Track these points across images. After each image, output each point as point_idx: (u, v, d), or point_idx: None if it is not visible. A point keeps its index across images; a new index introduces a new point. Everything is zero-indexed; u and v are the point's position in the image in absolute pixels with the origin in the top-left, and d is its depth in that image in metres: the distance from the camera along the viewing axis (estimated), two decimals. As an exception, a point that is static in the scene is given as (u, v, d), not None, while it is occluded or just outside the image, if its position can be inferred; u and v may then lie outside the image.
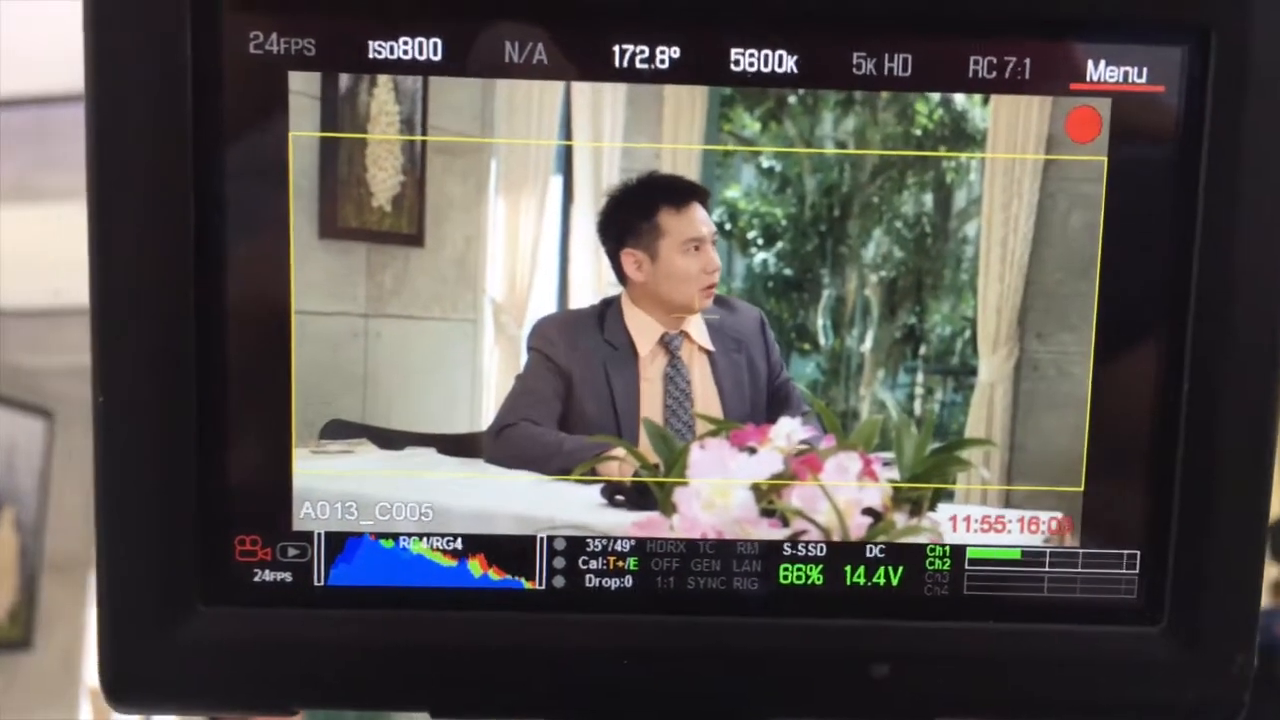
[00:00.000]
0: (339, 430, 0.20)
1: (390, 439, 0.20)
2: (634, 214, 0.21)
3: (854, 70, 0.20)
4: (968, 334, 0.21)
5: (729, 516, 0.20)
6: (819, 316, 0.20)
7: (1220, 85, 0.20)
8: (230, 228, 0.20)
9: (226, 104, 0.19)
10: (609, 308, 0.21)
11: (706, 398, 0.21)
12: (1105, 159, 0.21)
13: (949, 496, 0.21)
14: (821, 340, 0.21)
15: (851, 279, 0.20)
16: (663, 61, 0.20)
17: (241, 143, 0.19)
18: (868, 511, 0.21)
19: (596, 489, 0.21)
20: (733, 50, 0.20)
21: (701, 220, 0.21)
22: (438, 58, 0.20)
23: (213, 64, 0.19)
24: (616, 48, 0.20)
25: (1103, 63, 0.20)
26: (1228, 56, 0.20)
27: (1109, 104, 0.21)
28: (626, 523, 0.21)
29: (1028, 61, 0.20)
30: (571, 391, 0.21)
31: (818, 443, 0.21)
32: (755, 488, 0.20)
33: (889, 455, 0.21)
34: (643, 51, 0.20)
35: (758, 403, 0.21)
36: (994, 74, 0.20)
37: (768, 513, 0.21)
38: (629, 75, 0.20)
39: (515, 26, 0.20)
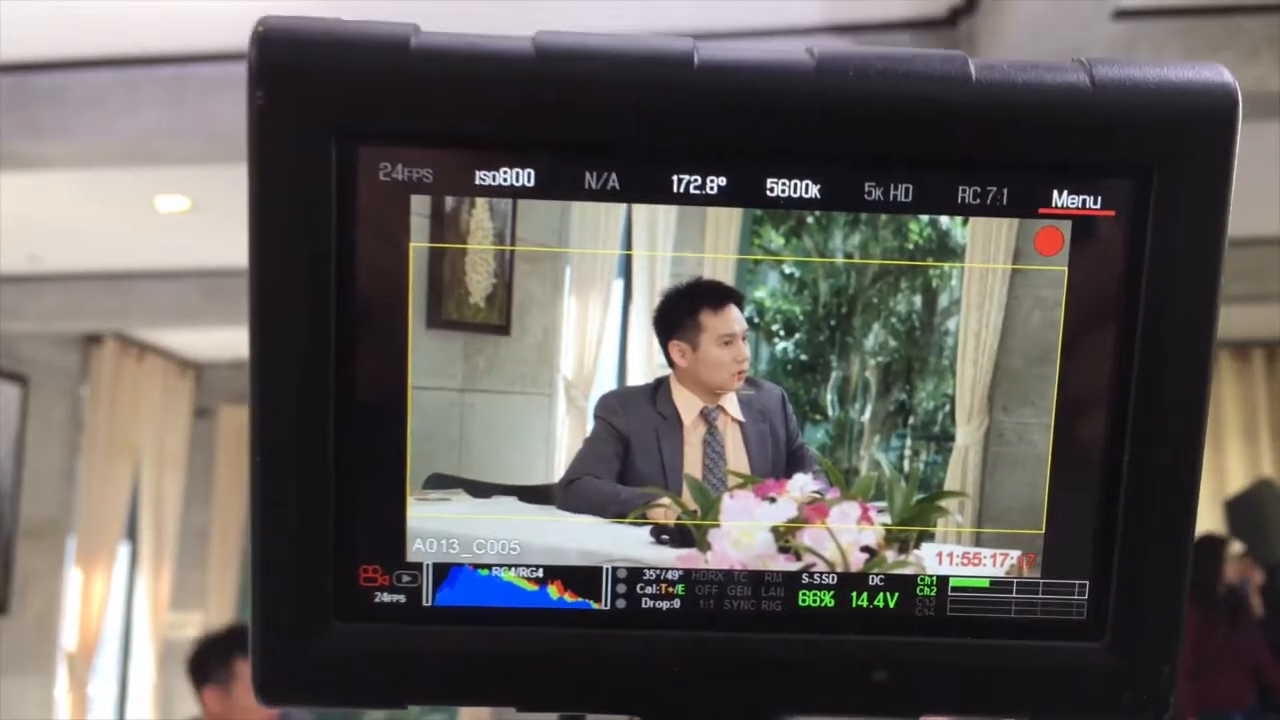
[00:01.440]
0: (438, 481, 0.24)
1: (480, 489, 0.25)
2: (681, 312, 0.25)
3: (865, 196, 0.24)
4: (947, 408, 0.25)
5: (753, 553, 0.25)
6: (828, 393, 0.25)
7: (1159, 210, 0.25)
8: (361, 321, 0.24)
9: (360, 220, 0.24)
10: (660, 385, 0.25)
11: (737, 458, 0.25)
12: (1066, 269, 0.25)
13: (930, 538, 0.26)
14: (830, 412, 0.25)
15: (855, 363, 0.25)
16: (712, 189, 0.24)
17: (372, 252, 0.23)
18: (865, 549, 0.25)
19: (646, 530, 0.25)
20: (769, 180, 0.24)
21: (735, 319, 0.25)
22: (530, 185, 0.24)
23: (351, 187, 0.23)
24: (675, 177, 0.24)
25: (1065, 192, 0.25)
26: (1166, 188, 0.25)
27: (1070, 225, 0.25)
28: (670, 557, 0.25)
29: (1005, 191, 0.25)
30: (628, 452, 0.25)
31: (825, 494, 0.25)
32: (774, 529, 0.25)
33: (882, 504, 0.25)
34: (696, 180, 0.24)
35: (778, 462, 0.25)
36: (978, 200, 0.24)
37: (784, 549, 0.25)
38: (683, 199, 0.24)
39: (597, 160, 0.24)
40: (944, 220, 0.24)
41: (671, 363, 0.25)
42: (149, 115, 3.40)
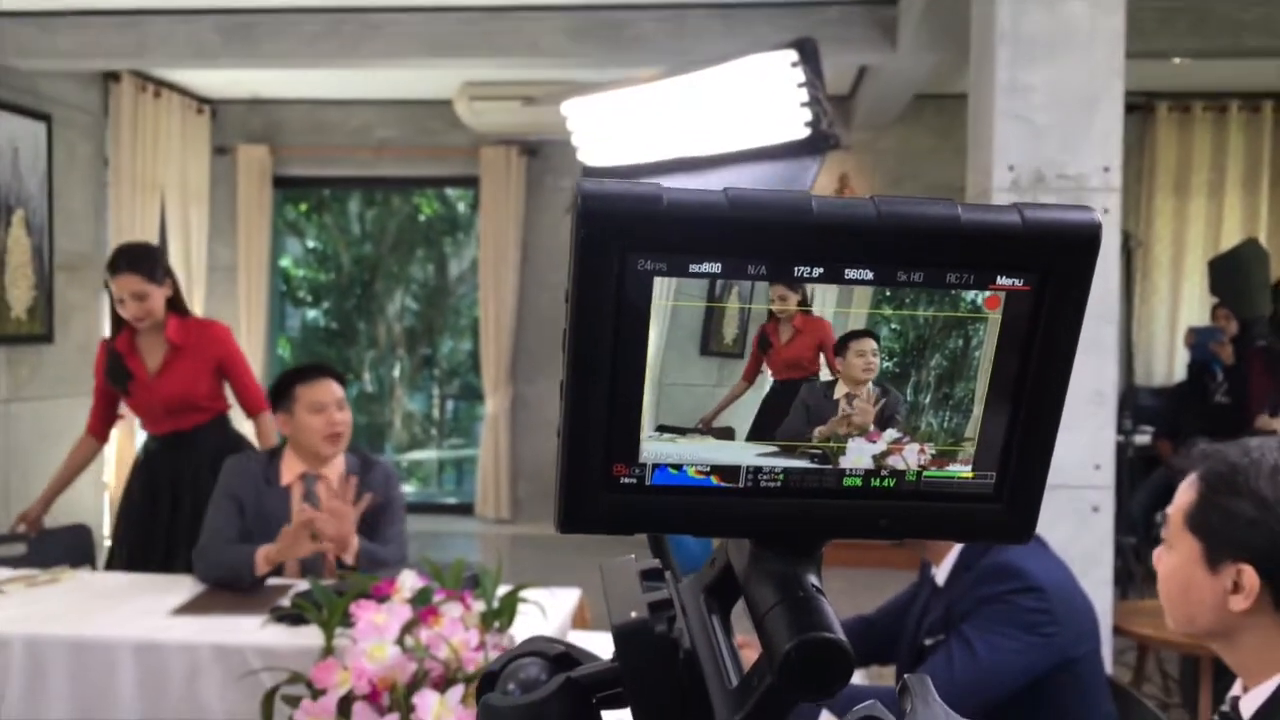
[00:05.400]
0: (666, 429, 0.44)
1: (687, 433, 0.45)
2: (843, 340, 0.44)
3: (898, 279, 0.42)
4: (971, 396, 0.45)
5: (862, 467, 0.46)
6: (908, 388, 0.45)
7: (1053, 290, 0.43)
8: (624, 344, 0.42)
9: (628, 292, 0.42)
10: (837, 381, 0.45)
11: (864, 416, 0.45)
12: (1000, 317, 0.44)
13: (950, 456, 0.46)
14: (908, 397, 0.45)
15: (924, 373, 0.44)
16: (814, 274, 0.42)
17: (631, 309, 0.42)
18: (921, 465, 0.46)
19: (810, 456, 0.46)
20: (846, 270, 0.42)
21: (869, 346, 0.43)
22: (718, 271, 0.42)
23: (625, 274, 0.41)
24: (795, 269, 0.42)
25: (1003, 276, 0.43)
26: (1057, 276, 0.43)
27: (1004, 295, 0.43)
28: (812, 466, 0.46)
29: (972, 276, 0.43)
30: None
31: (903, 440, 0.46)
32: (874, 456, 0.46)
33: (931, 444, 0.46)
34: (807, 270, 0.42)
35: (877, 421, 0.46)
36: (957, 280, 0.43)
37: (879, 466, 0.46)
38: (800, 281, 0.42)
39: (754, 260, 0.42)
40: (978, 298, 0.44)
41: (835, 370, 0.45)
42: None
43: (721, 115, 3.89)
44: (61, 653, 2.47)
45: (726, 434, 0.45)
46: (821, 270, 0.43)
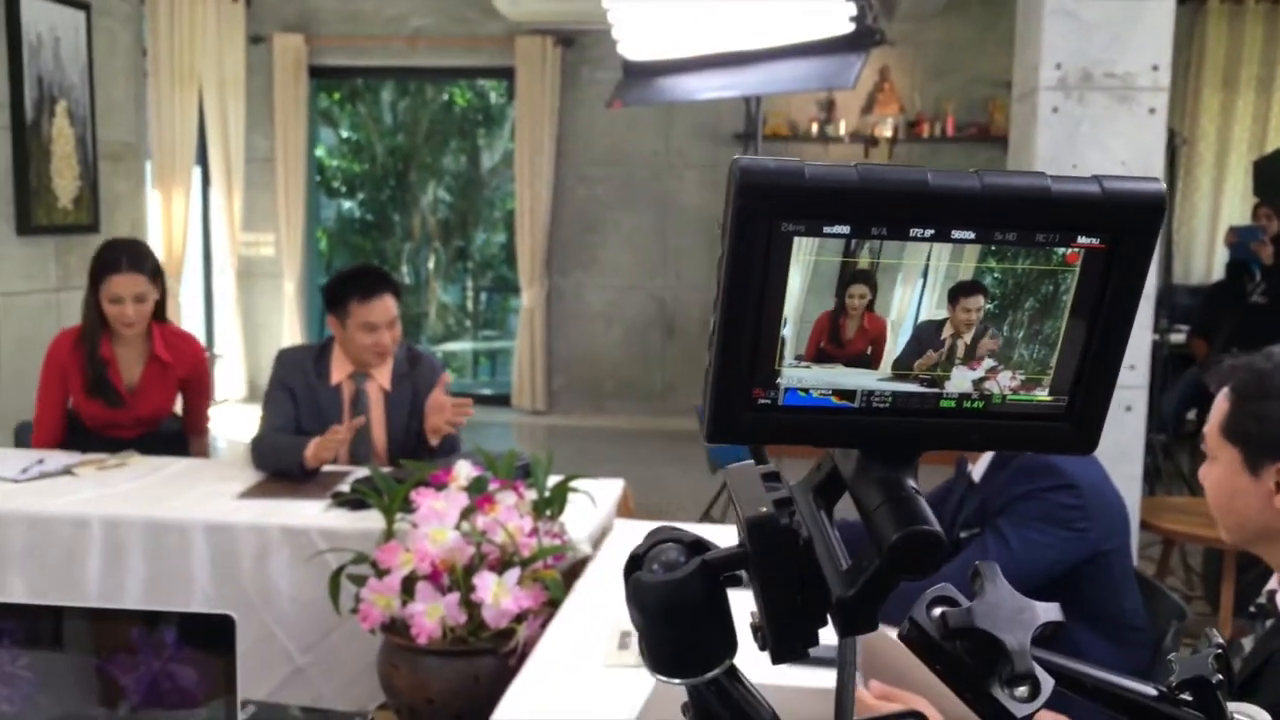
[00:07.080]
0: (803, 357, 0.52)
1: (821, 360, 0.52)
2: (954, 293, 0.50)
3: (995, 238, 0.49)
4: (1057, 333, 0.52)
5: (962, 390, 0.53)
6: (1005, 325, 0.52)
7: (1124, 245, 0.50)
8: (767, 293, 0.49)
9: (773, 248, 0.49)
10: (946, 321, 0.52)
11: (963, 351, 0.53)
12: (1079, 269, 0.51)
13: (1036, 382, 0.53)
14: (1005, 333, 0.52)
15: (1020, 314, 0.51)
16: (927, 235, 0.49)
17: (776, 263, 0.49)
18: (1012, 389, 0.53)
19: (919, 381, 0.53)
20: (952, 231, 0.49)
21: (975, 300, 0.50)
22: (847, 233, 0.49)
23: (773, 236, 0.48)
24: (911, 230, 0.49)
25: (1083, 236, 0.50)
26: (1128, 240, 0.50)
27: (1083, 251, 0.50)
28: (922, 389, 0.53)
29: (1057, 235, 0.50)
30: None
31: (998, 368, 0.53)
32: (974, 381, 0.53)
33: (1022, 373, 0.53)
34: (920, 232, 0.49)
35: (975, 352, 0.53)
36: (1043, 239, 0.50)
37: (976, 389, 0.53)
38: (913, 239, 0.49)
39: (878, 223, 0.48)
40: (1064, 254, 0.51)
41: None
42: None
43: (765, 8, 3.86)
44: (137, 532, 2.61)
45: (855, 362, 0.53)
46: (933, 232, 0.50)
